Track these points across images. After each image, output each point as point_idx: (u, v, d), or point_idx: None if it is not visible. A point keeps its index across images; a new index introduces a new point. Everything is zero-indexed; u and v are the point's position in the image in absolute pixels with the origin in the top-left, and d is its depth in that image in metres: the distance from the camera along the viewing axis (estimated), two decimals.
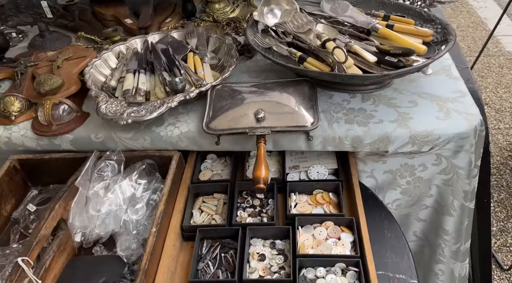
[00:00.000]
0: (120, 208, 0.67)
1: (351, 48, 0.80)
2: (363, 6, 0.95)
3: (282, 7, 0.95)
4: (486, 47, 2.43)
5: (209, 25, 1.11)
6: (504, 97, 2.16)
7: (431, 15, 0.86)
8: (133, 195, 0.70)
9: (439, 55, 0.74)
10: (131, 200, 0.69)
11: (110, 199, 0.67)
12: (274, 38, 0.91)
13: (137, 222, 0.68)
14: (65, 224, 0.67)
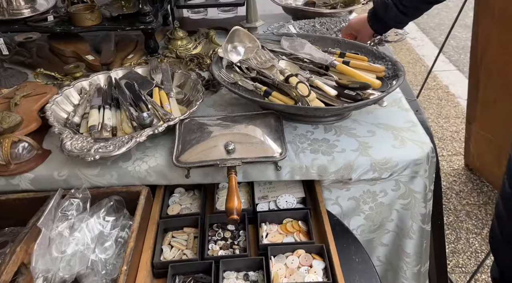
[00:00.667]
0: (88, 247, 0.64)
1: (312, 83, 0.86)
2: (320, 44, 1.03)
3: (245, 45, 1.00)
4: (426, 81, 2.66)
5: (172, 61, 1.13)
6: (444, 127, 2.35)
7: (381, 53, 0.95)
8: (101, 233, 0.67)
9: (392, 88, 0.81)
10: (99, 238, 0.67)
11: (76, 239, 0.64)
12: (239, 74, 0.94)
13: (106, 261, 0.65)
14: (26, 269, 0.62)
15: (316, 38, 1.04)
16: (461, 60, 3.10)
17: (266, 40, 1.05)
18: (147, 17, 1.08)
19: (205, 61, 1.12)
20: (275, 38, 1.06)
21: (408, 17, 0.97)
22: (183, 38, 1.18)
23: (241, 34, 0.99)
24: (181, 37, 1.17)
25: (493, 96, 1.61)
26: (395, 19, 0.98)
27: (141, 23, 1.08)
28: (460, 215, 1.75)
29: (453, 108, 2.51)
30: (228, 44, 0.98)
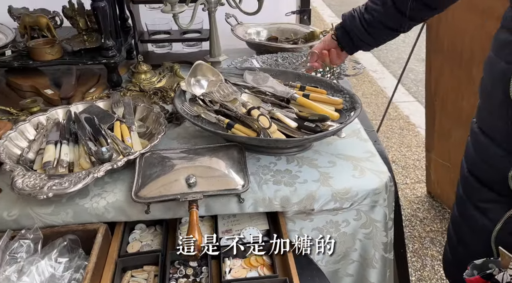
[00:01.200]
0: None
1: (274, 115, 0.87)
2: (281, 78, 1.06)
3: (208, 78, 1.01)
4: (387, 112, 2.76)
5: (135, 94, 1.12)
6: (407, 155, 2.44)
7: (339, 86, 0.99)
8: (53, 276, 0.63)
9: (350, 120, 0.84)
10: (50, 282, 0.63)
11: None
12: (202, 107, 0.95)
13: None
14: None
15: (277, 72, 1.08)
16: (419, 92, 3.26)
17: (230, 74, 1.07)
18: (109, 51, 1.08)
19: (169, 94, 1.13)
20: (238, 72, 1.08)
21: (371, 37, 0.94)
22: (147, 72, 1.18)
23: (204, 68, 1.01)
24: (145, 70, 1.17)
25: (448, 126, 1.70)
26: (359, 34, 0.94)
27: (104, 57, 1.08)
28: (425, 242, 1.78)
29: (414, 138, 2.61)
30: (191, 78, 0.99)
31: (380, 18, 0.90)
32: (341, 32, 0.97)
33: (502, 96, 0.63)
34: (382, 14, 0.89)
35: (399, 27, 0.92)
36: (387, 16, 0.89)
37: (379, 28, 0.92)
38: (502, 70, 0.64)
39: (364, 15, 0.92)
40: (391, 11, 0.88)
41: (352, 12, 0.95)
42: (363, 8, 0.93)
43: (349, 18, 0.95)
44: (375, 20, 0.91)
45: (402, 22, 0.90)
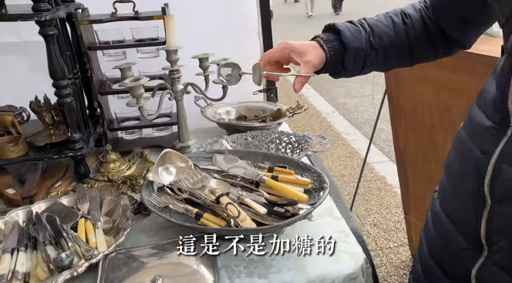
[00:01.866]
0: None
1: (243, 201, 0.86)
2: (251, 159, 1.06)
3: (177, 165, 1.01)
4: (364, 173, 2.80)
5: (103, 185, 1.10)
6: (388, 217, 2.43)
7: (307, 165, 1.00)
8: None
9: (318, 203, 0.83)
10: None
11: None
12: (171, 196, 0.93)
13: None
14: None
15: (246, 153, 1.09)
16: (392, 151, 3.35)
17: (199, 158, 1.08)
18: (76, 144, 1.07)
19: (138, 182, 1.11)
20: (208, 155, 1.08)
21: (376, 53, 0.77)
22: (116, 160, 1.17)
23: (172, 156, 1.01)
24: (113, 159, 1.16)
25: (422, 189, 1.72)
26: (358, 56, 0.76)
27: (70, 150, 1.07)
28: None
29: (392, 198, 2.63)
30: (159, 167, 0.99)
31: (395, 45, 0.77)
32: (336, 46, 0.76)
33: (475, 189, 0.57)
34: (399, 41, 0.77)
35: (414, 59, 0.82)
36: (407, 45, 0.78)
37: (386, 57, 0.78)
38: (476, 161, 0.57)
39: (370, 37, 0.77)
40: (418, 40, 0.78)
41: (357, 26, 0.78)
42: (369, 29, 0.77)
43: (352, 31, 0.76)
44: (383, 46, 0.77)
45: (422, 55, 0.81)
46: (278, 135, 1.29)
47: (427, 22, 0.79)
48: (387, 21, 0.79)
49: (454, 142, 0.68)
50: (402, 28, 0.78)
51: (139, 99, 0.97)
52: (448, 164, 0.69)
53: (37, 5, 0.94)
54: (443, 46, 0.81)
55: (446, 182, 0.70)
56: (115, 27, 1.19)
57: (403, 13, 0.80)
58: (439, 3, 0.78)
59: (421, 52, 0.82)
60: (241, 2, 1.40)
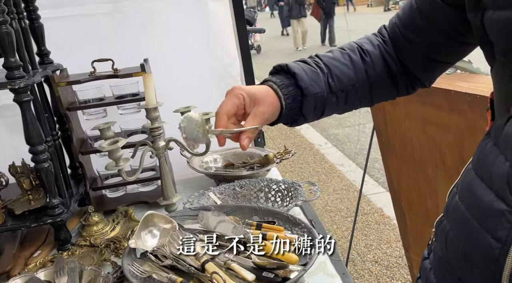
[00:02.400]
0: None
1: (229, 266, 0.81)
2: (238, 214, 1.02)
3: (161, 227, 0.97)
4: (361, 206, 2.75)
5: (85, 251, 1.04)
6: (388, 253, 2.36)
7: (297, 219, 0.96)
8: None
9: (309, 265, 0.79)
10: None
11: None
12: (154, 262, 0.88)
13: None
14: None
15: (233, 208, 1.05)
16: None
17: (184, 216, 1.03)
18: (55, 209, 1.03)
19: (122, 245, 1.06)
20: (193, 213, 1.04)
21: (336, 96, 0.69)
22: (99, 222, 1.12)
23: (155, 218, 0.97)
24: (96, 222, 1.11)
25: (420, 225, 1.67)
26: (318, 89, 0.67)
27: (49, 216, 1.03)
28: None
29: (392, 232, 2.56)
30: (142, 231, 0.94)
31: (355, 87, 0.70)
32: (292, 92, 0.67)
33: (488, 279, 0.48)
34: (359, 76, 0.70)
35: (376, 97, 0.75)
36: (367, 80, 0.70)
37: (346, 100, 0.71)
38: (489, 248, 0.47)
39: (329, 79, 0.69)
40: (378, 75, 0.71)
41: (313, 66, 0.69)
42: (327, 70, 0.69)
43: (309, 74, 0.68)
44: (343, 88, 0.69)
45: (387, 91, 0.74)
46: (267, 183, 1.26)
47: (387, 59, 0.72)
48: (345, 60, 0.71)
49: (450, 212, 0.58)
50: (362, 67, 0.71)
51: (118, 161, 0.94)
52: (446, 237, 0.57)
53: (11, 73, 0.92)
54: (404, 84, 0.75)
55: (443, 256, 0.58)
56: (94, 85, 1.18)
57: (360, 50, 0.72)
58: (403, 40, 0.70)
59: (382, 91, 0.75)
60: (223, 52, 1.40)
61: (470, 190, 0.53)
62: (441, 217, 0.62)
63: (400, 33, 0.70)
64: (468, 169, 0.56)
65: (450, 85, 1.17)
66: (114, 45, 1.28)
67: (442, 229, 0.59)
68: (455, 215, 0.56)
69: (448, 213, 0.59)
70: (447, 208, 0.60)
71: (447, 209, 0.60)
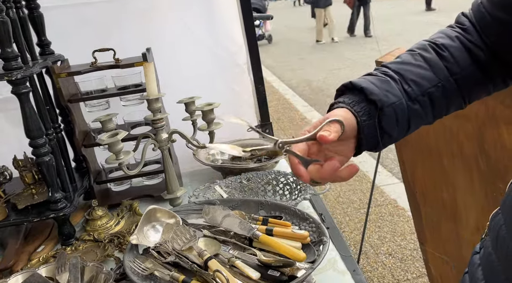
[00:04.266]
0: None
1: (233, 264, 0.78)
2: (244, 208, 0.99)
3: (164, 222, 0.94)
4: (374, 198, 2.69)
5: (89, 246, 1.02)
6: (402, 245, 2.30)
7: (305, 214, 0.91)
8: None
9: (318, 262, 0.74)
10: None
11: None
12: (157, 259, 0.85)
13: None
14: None
15: (239, 202, 1.01)
16: None
17: (188, 211, 1.00)
18: (58, 204, 1.01)
19: (126, 240, 1.03)
20: (198, 207, 1.01)
21: (419, 104, 0.61)
22: (103, 217, 1.10)
23: (158, 213, 0.94)
24: (100, 216, 1.09)
25: (436, 218, 1.61)
26: (394, 98, 0.59)
27: (52, 211, 1.00)
28: None
29: (406, 224, 2.50)
30: (144, 226, 0.91)
31: (439, 88, 0.61)
32: (365, 108, 0.59)
33: None
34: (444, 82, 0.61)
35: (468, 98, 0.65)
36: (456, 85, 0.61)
37: (433, 105, 0.62)
38: None
39: (404, 86, 0.60)
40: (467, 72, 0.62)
41: (380, 76, 0.61)
42: (398, 77, 0.61)
43: (378, 85, 0.59)
44: (425, 93, 0.60)
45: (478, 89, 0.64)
46: (275, 176, 1.22)
47: (472, 50, 0.62)
48: (417, 61, 0.62)
49: (506, 206, 0.52)
50: (441, 64, 0.62)
51: (118, 155, 0.90)
52: (498, 233, 0.52)
53: (8, 64, 0.89)
54: (498, 76, 0.64)
55: (492, 253, 0.53)
56: (96, 76, 1.14)
57: (434, 46, 0.63)
58: (492, 23, 0.61)
59: (473, 88, 0.64)
60: (228, 40, 1.35)
61: None
62: (497, 210, 0.56)
63: (488, 15, 0.62)
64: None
65: None
66: (116, 33, 1.24)
67: (496, 224, 0.54)
68: (499, 241, 0.51)
69: (505, 206, 0.53)
70: (504, 201, 0.54)
71: (504, 202, 0.54)
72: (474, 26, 0.65)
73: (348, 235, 2.49)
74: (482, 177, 1.30)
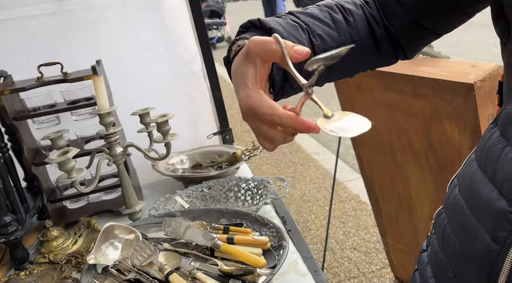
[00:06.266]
0: None
1: (195, 276, 0.78)
2: (205, 218, 0.99)
3: (122, 238, 0.92)
4: (337, 194, 2.76)
5: (44, 268, 0.98)
6: (366, 239, 2.37)
7: (265, 219, 0.93)
8: None
9: (277, 268, 0.76)
10: None
11: None
12: (116, 277, 0.83)
13: None
14: None
15: (199, 212, 1.01)
16: None
17: (148, 224, 0.99)
18: (9, 227, 0.96)
19: (85, 259, 1.00)
20: (158, 220, 1.00)
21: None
22: (59, 237, 1.06)
23: (116, 229, 0.92)
24: (55, 236, 1.05)
25: (394, 210, 1.68)
26: (298, 42, 0.55)
27: (2, 235, 0.96)
28: None
29: (369, 218, 2.59)
30: (102, 245, 0.89)
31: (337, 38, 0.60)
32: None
33: (478, 279, 0.46)
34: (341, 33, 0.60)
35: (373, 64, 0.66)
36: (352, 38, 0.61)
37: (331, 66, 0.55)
38: (487, 249, 0.44)
39: (311, 37, 0.58)
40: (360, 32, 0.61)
41: (290, 22, 0.58)
42: (306, 27, 0.58)
43: (287, 29, 0.56)
44: (328, 45, 0.59)
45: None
46: (236, 182, 1.22)
47: (371, 23, 0.63)
48: (326, 18, 0.60)
49: (449, 204, 0.55)
50: (346, 28, 0.61)
51: (70, 173, 0.88)
52: (443, 231, 0.55)
53: None
54: (386, 52, 0.66)
55: (439, 251, 0.56)
56: (43, 91, 1.10)
57: (342, 8, 0.62)
58: (392, 2, 0.62)
59: (364, 58, 0.65)
60: (181, 48, 1.34)
61: (471, 183, 0.49)
62: (440, 209, 0.58)
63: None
64: (471, 159, 0.52)
65: (412, 70, 1.16)
66: (63, 47, 1.20)
67: (440, 223, 0.56)
68: (454, 209, 0.53)
69: (447, 206, 0.55)
70: (446, 200, 0.56)
71: (446, 201, 0.56)
72: (374, 1, 0.65)
73: (314, 232, 2.54)
74: (431, 170, 1.38)
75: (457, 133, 1.18)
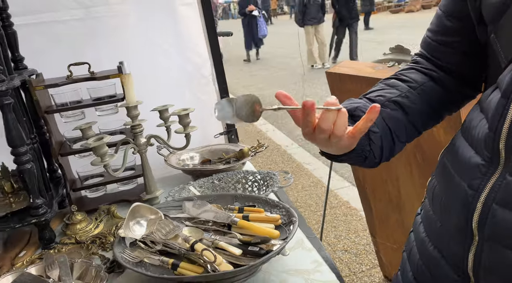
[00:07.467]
0: None
1: (217, 245, 0.88)
2: (220, 201, 1.09)
3: (147, 218, 1.02)
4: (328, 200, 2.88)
5: (72, 248, 1.07)
6: (356, 241, 2.49)
7: (275, 201, 1.04)
8: None
9: (290, 237, 0.87)
10: None
11: None
12: (144, 249, 0.93)
13: None
14: None
15: (215, 197, 1.11)
16: (352, 176, 3.49)
17: (168, 207, 1.09)
18: (39, 209, 1.05)
19: (108, 240, 1.09)
20: (177, 204, 1.10)
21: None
22: (82, 221, 1.15)
23: (141, 209, 1.02)
24: (79, 220, 1.14)
25: (385, 210, 1.81)
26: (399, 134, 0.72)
27: (33, 216, 1.04)
28: None
29: (359, 222, 2.71)
30: (129, 222, 0.99)
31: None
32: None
33: (462, 224, 0.57)
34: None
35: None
36: None
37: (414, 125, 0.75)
38: (464, 196, 0.57)
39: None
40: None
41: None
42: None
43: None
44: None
45: None
46: (244, 175, 1.33)
47: (428, 73, 0.74)
48: (382, 86, 0.74)
49: (438, 170, 0.68)
50: (404, 85, 0.73)
51: (103, 157, 0.98)
52: (433, 192, 0.68)
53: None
54: (458, 91, 0.74)
55: (430, 209, 0.69)
56: (71, 88, 1.21)
57: (399, 80, 0.74)
58: (440, 47, 0.73)
59: (434, 98, 0.74)
60: (194, 53, 1.47)
61: (456, 149, 0.63)
62: (431, 178, 0.73)
63: (435, 42, 0.73)
64: (457, 133, 0.66)
65: None
66: (88, 50, 1.31)
67: (431, 187, 0.70)
68: (442, 173, 0.67)
69: (437, 172, 0.70)
70: (436, 168, 0.71)
71: (436, 169, 0.71)
72: (423, 57, 0.77)
73: None
74: (419, 169, 1.52)
75: (442, 133, 1.32)
